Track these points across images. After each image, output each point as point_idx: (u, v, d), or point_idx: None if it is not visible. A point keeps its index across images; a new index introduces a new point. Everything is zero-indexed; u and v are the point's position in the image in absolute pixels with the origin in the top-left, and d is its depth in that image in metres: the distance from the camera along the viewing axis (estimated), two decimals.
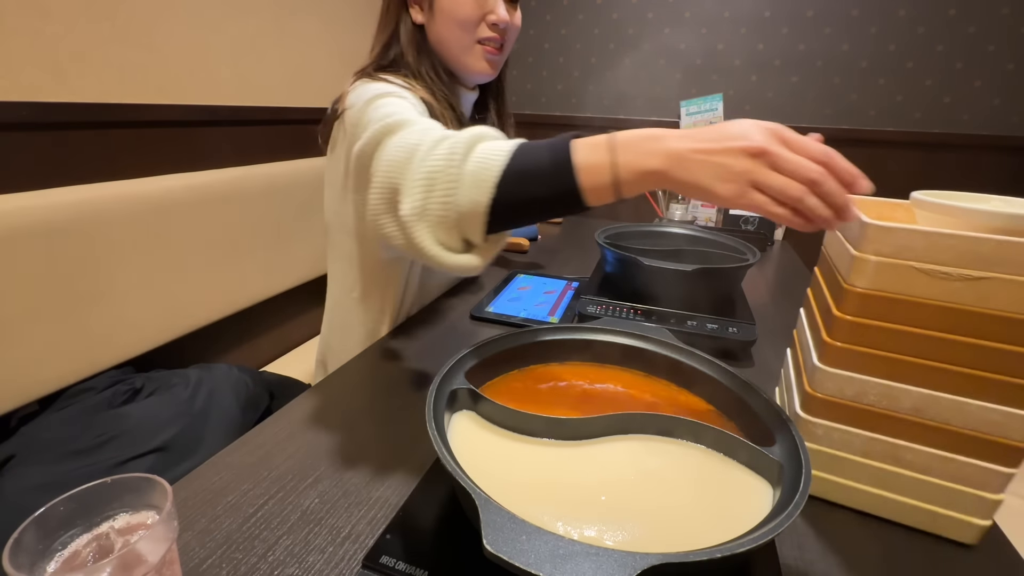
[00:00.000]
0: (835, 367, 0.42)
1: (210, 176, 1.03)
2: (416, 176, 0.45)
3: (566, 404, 0.46)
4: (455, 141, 0.45)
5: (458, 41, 0.72)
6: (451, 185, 0.44)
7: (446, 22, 0.71)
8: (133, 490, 0.30)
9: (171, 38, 1.00)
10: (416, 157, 0.46)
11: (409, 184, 0.45)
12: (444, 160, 0.45)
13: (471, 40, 0.72)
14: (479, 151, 0.45)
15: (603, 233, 0.89)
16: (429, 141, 0.47)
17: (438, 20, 0.71)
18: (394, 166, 0.47)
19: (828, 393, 0.42)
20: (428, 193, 0.44)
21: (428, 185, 0.44)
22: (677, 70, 1.83)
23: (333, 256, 0.81)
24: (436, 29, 0.72)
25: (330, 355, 0.86)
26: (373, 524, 0.42)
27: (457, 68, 0.75)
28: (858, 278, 0.39)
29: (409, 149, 0.47)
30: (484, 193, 0.43)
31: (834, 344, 0.41)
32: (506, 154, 0.44)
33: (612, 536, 0.32)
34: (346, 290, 0.80)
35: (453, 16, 0.70)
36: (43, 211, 0.75)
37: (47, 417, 0.75)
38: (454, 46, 0.72)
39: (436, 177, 0.44)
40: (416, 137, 0.48)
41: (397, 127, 0.52)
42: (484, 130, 0.47)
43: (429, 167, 0.45)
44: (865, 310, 0.39)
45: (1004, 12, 1.50)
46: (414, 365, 0.68)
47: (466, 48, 0.73)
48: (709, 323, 0.71)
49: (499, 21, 0.71)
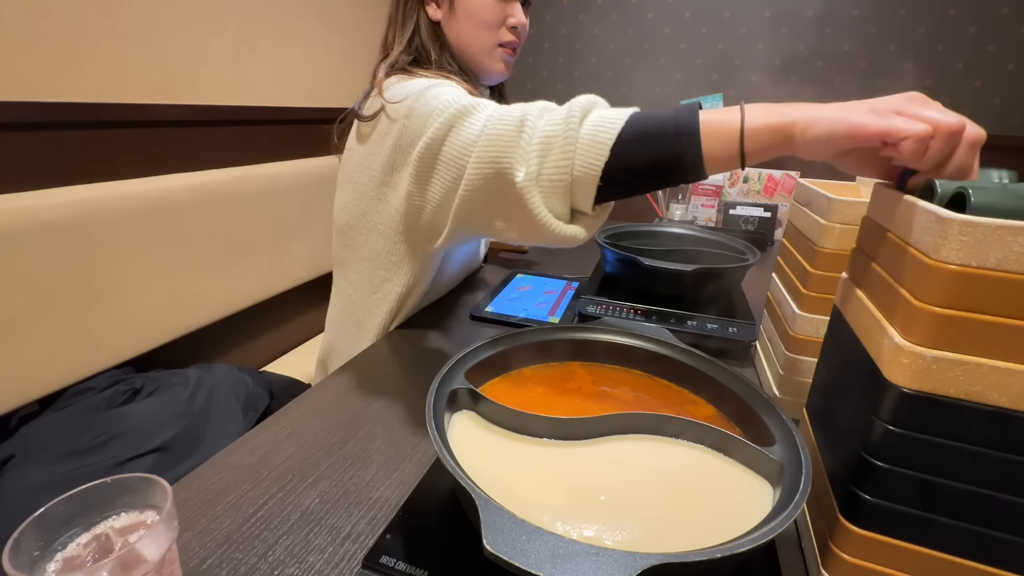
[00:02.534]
0: (811, 313, 0.53)
1: (210, 176, 1.03)
2: (531, 143, 0.46)
3: (566, 404, 0.46)
4: (570, 107, 0.46)
5: (480, 43, 0.73)
6: (567, 149, 0.44)
7: (469, 23, 0.71)
8: (133, 490, 0.30)
9: (171, 38, 1.00)
10: (526, 127, 0.46)
11: (522, 153, 0.46)
12: (561, 124, 0.45)
13: (493, 42, 0.73)
14: (595, 116, 0.45)
15: (603, 233, 0.89)
16: (535, 111, 0.47)
17: (460, 19, 0.71)
18: (498, 140, 0.47)
19: (807, 334, 0.54)
20: (544, 158, 0.45)
21: (544, 150, 0.45)
22: (677, 70, 1.83)
23: (355, 256, 0.77)
24: (456, 28, 0.72)
25: (334, 356, 0.85)
26: (373, 524, 0.42)
27: (475, 68, 0.76)
28: (827, 241, 0.51)
29: (514, 122, 0.47)
30: (600, 156, 0.43)
31: (809, 294, 0.53)
32: (623, 118, 0.44)
33: (612, 536, 0.32)
34: (368, 290, 0.77)
35: (477, 18, 0.71)
36: (43, 211, 0.75)
37: (47, 417, 0.75)
38: (475, 47, 0.73)
39: (552, 142, 0.45)
40: (518, 112, 0.49)
41: (470, 110, 0.53)
42: (596, 98, 0.48)
43: (544, 133, 0.45)
44: (832, 265, 0.51)
45: (1004, 12, 1.50)
46: (414, 365, 0.68)
47: (487, 50, 0.74)
48: (709, 323, 0.71)
49: (519, 24, 0.73)
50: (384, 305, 0.77)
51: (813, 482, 0.37)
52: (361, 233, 0.74)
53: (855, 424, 0.33)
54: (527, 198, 0.45)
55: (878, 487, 0.31)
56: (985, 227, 0.26)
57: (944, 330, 0.28)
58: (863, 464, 0.31)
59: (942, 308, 0.27)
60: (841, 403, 0.37)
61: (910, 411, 0.29)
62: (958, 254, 0.27)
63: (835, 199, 0.50)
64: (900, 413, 0.29)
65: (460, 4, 0.70)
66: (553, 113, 0.46)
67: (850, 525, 0.32)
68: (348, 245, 0.77)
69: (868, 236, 0.39)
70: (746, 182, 1.49)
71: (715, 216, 1.48)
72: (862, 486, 0.31)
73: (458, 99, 0.55)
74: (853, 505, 0.32)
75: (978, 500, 0.29)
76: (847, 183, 0.60)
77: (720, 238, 0.90)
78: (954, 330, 0.27)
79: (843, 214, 0.50)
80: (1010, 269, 0.26)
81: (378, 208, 0.71)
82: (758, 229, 1.38)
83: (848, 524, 0.33)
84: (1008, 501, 0.28)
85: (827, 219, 0.50)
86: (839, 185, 0.59)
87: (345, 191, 0.75)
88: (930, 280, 0.28)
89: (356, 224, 0.75)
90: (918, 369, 0.28)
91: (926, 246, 0.28)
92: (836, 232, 0.50)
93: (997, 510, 0.29)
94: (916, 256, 0.29)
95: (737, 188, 1.50)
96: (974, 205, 0.29)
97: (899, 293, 0.30)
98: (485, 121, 0.51)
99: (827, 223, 0.50)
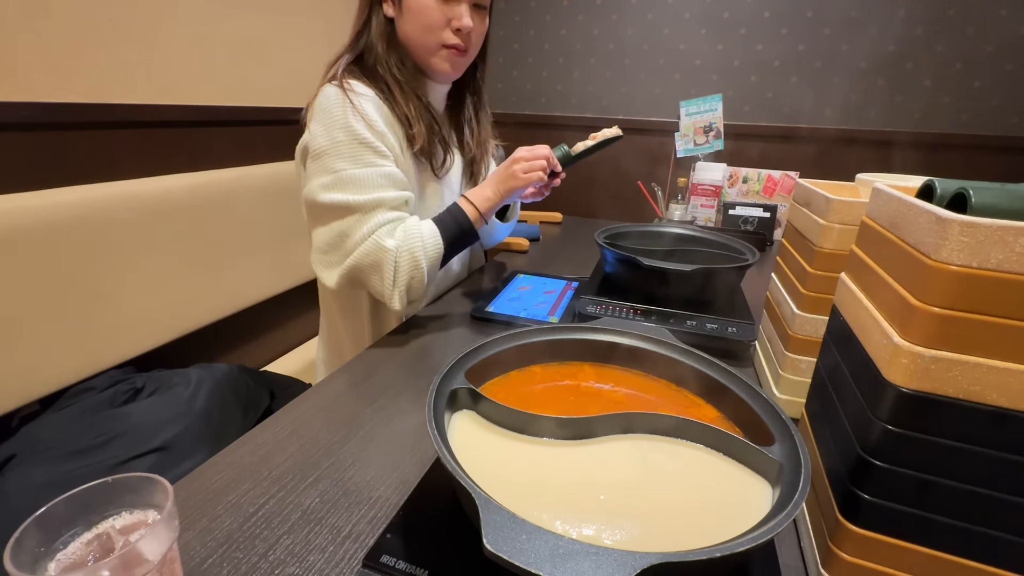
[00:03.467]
0: (810, 313, 0.53)
1: (210, 176, 1.03)
2: (399, 284, 0.71)
3: (566, 404, 0.47)
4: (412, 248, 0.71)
5: (423, 43, 0.76)
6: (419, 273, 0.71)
7: (413, 24, 0.75)
8: (134, 490, 0.30)
9: (172, 38, 1.00)
10: (385, 268, 0.70)
11: (387, 290, 0.70)
12: (410, 272, 0.71)
13: (436, 43, 0.76)
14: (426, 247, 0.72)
15: (603, 233, 0.89)
16: (391, 254, 0.70)
17: (406, 19, 0.75)
18: (365, 266, 0.70)
19: (806, 334, 0.54)
20: (407, 289, 0.72)
21: (407, 286, 0.71)
22: (677, 70, 1.83)
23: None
24: (403, 27, 0.76)
25: (332, 354, 0.86)
26: (374, 523, 0.42)
27: (423, 65, 0.79)
28: (826, 241, 0.51)
29: (376, 259, 0.70)
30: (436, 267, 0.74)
31: (809, 294, 0.53)
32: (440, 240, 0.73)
33: (611, 535, 0.32)
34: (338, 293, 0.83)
35: (421, 19, 0.74)
36: (43, 211, 0.75)
37: (48, 417, 0.75)
38: (419, 47, 0.77)
39: (414, 278, 0.71)
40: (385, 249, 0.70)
41: (356, 211, 0.69)
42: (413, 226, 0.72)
43: (403, 283, 0.71)
44: (831, 265, 0.50)
45: (1003, 13, 1.50)
46: (414, 365, 0.68)
47: (430, 50, 0.76)
48: (709, 323, 0.71)
49: (463, 28, 0.75)
50: (369, 300, 0.83)
51: (812, 482, 0.37)
52: None
53: (854, 424, 0.33)
54: (394, 304, 0.72)
55: (877, 487, 0.31)
56: (986, 228, 0.26)
57: (943, 330, 0.28)
58: (862, 464, 0.31)
59: (942, 308, 0.27)
60: (840, 403, 0.37)
61: (909, 411, 0.29)
62: (959, 255, 0.27)
63: (834, 199, 0.50)
64: (899, 413, 0.29)
65: (407, 4, 0.73)
66: (401, 255, 0.70)
67: (849, 524, 0.33)
68: None
69: (867, 236, 0.39)
70: (745, 182, 1.50)
71: (715, 216, 1.48)
72: (861, 486, 0.32)
73: (337, 184, 0.69)
74: (852, 504, 0.32)
75: (977, 500, 0.29)
76: (846, 183, 0.60)
77: (720, 238, 0.90)
78: (953, 330, 0.27)
79: (842, 214, 0.50)
80: (1011, 270, 0.26)
81: None
82: (757, 229, 1.38)
83: (847, 523, 0.33)
84: (1007, 501, 0.28)
85: (826, 219, 0.51)
86: (838, 185, 0.59)
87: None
88: (930, 280, 0.28)
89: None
90: (917, 369, 0.28)
91: (926, 247, 0.28)
92: (835, 232, 0.50)
93: (996, 510, 0.29)
94: (916, 256, 0.29)
95: (736, 188, 1.51)
96: (975, 205, 0.29)
97: (898, 293, 0.30)
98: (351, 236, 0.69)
99: (826, 223, 0.51)
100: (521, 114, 2.01)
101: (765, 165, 1.49)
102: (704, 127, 1.72)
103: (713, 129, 1.71)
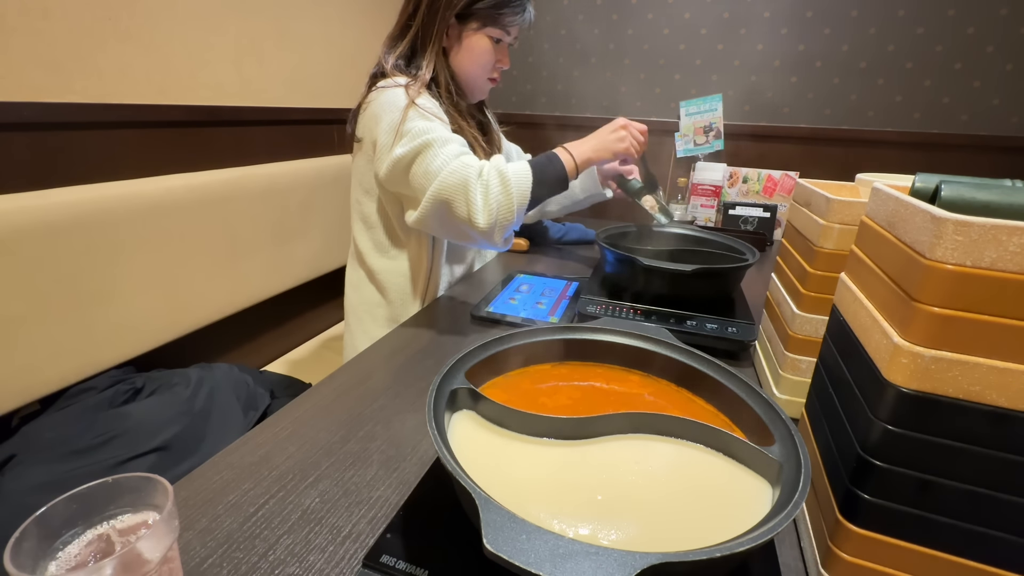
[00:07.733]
0: (810, 312, 0.53)
1: (211, 176, 1.03)
2: (490, 203, 0.72)
3: (566, 404, 0.47)
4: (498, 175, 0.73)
5: (474, 76, 0.91)
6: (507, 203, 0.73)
7: (469, 60, 0.88)
8: (134, 490, 0.30)
9: (172, 38, 1.00)
10: (471, 185, 0.71)
11: (475, 208, 0.71)
12: (501, 192, 0.72)
13: (484, 78, 0.92)
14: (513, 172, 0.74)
15: (603, 233, 0.89)
16: (474, 171, 0.72)
17: (463, 55, 0.88)
18: (450, 187, 0.71)
19: (806, 334, 0.54)
20: (495, 212, 0.73)
21: (494, 208, 0.73)
22: (677, 71, 1.83)
23: (363, 225, 0.93)
24: (458, 60, 0.89)
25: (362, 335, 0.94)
26: (374, 523, 0.42)
27: (465, 90, 0.93)
28: (826, 241, 0.51)
29: (462, 177, 0.71)
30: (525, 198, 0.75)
31: (808, 294, 0.53)
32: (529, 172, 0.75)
33: (611, 535, 0.32)
34: (380, 252, 0.93)
35: (476, 59, 0.88)
36: (43, 211, 0.75)
37: (48, 416, 0.75)
38: (470, 79, 0.91)
39: (501, 203, 0.72)
40: (464, 170, 0.72)
41: (433, 144, 0.74)
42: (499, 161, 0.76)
43: (495, 201, 0.72)
44: (831, 265, 0.51)
45: (1003, 13, 1.50)
46: (414, 365, 0.68)
47: (478, 82, 0.92)
48: (709, 323, 0.71)
49: (505, 67, 0.93)
50: (417, 281, 0.91)
51: (812, 482, 0.37)
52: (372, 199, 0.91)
53: (854, 424, 0.33)
54: (490, 236, 0.74)
55: (877, 486, 0.31)
56: (980, 227, 0.26)
57: (942, 330, 0.28)
58: (862, 463, 0.31)
59: (939, 308, 0.27)
60: (840, 403, 0.37)
61: (909, 411, 0.29)
62: (953, 254, 0.27)
63: (834, 199, 0.50)
64: (899, 413, 0.29)
65: (467, 43, 0.87)
66: (490, 177, 0.72)
67: (849, 524, 0.33)
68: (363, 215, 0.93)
69: (866, 236, 0.39)
70: (745, 182, 1.50)
71: (715, 216, 1.48)
72: (861, 485, 0.32)
73: (428, 130, 0.75)
74: (852, 504, 0.32)
75: (977, 499, 0.29)
76: (846, 183, 0.60)
77: (720, 238, 0.90)
78: (952, 330, 0.27)
79: (842, 214, 0.50)
80: (1005, 269, 0.26)
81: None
82: (757, 229, 1.38)
83: (847, 523, 0.33)
84: (1006, 500, 0.28)
85: (826, 219, 0.51)
86: (838, 185, 0.59)
87: (364, 183, 0.91)
88: (926, 280, 0.28)
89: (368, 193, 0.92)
90: (917, 369, 0.28)
91: (922, 246, 0.28)
92: (835, 232, 0.50)
93: (996, 509, 0.29)
94: (912, 256, 0.29)
95: (736, 188, 1.51)
96: (943, 199, 0.30)
97: (897, 293, 0.30)
98: (445, 166, 0.73)
99: (826, 223, 0.51)
100: (521, 114, 2.01)
101: (765, 165, 1.49)
102: (704, 127, 1.72)
103: (713, 129, 1.71)
